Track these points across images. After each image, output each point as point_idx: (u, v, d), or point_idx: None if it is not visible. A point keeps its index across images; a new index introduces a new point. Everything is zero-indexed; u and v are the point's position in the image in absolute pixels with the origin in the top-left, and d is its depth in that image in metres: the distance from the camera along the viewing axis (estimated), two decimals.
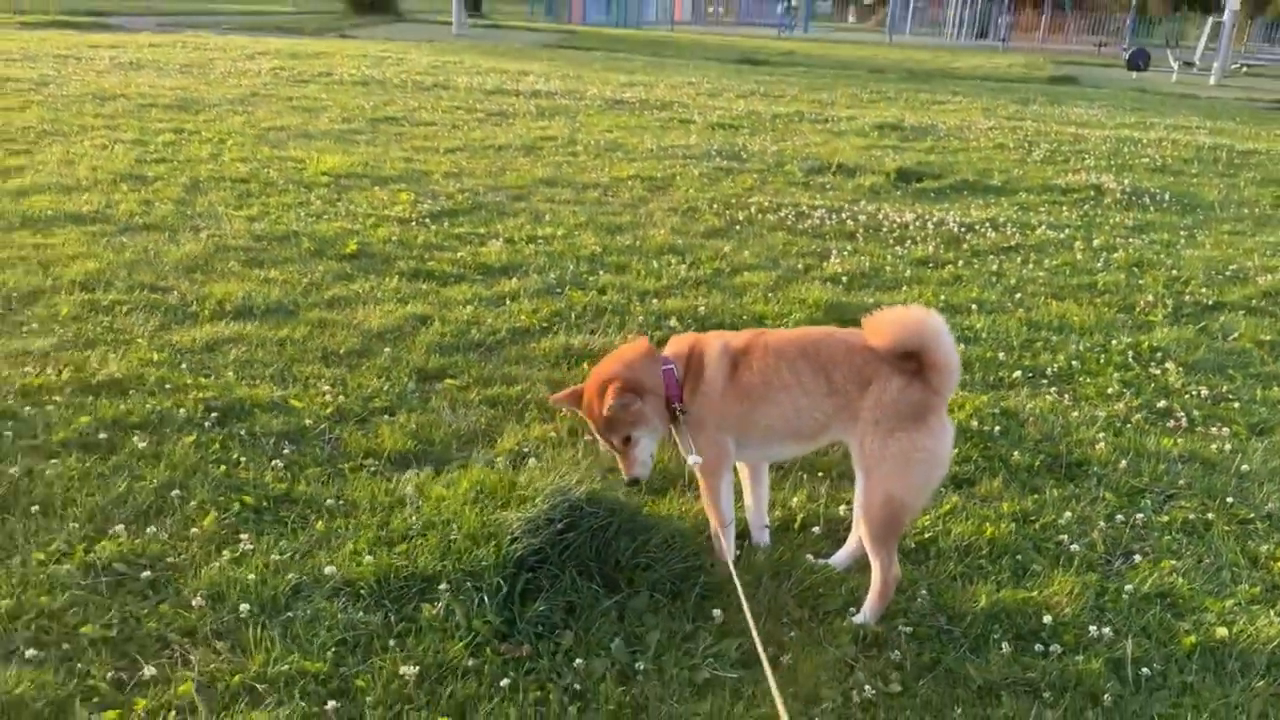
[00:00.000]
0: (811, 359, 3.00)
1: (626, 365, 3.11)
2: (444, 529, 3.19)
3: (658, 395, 3.07)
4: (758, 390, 3.02)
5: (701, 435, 3.05)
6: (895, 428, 2.88)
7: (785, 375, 3.00)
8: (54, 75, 13.76)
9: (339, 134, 10.75)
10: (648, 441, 3.12)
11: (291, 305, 5.35)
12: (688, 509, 3.47)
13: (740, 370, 3.04)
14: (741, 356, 3.06)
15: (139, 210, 7.02)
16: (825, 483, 3.80)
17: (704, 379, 3.06)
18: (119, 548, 3.07)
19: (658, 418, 3.08)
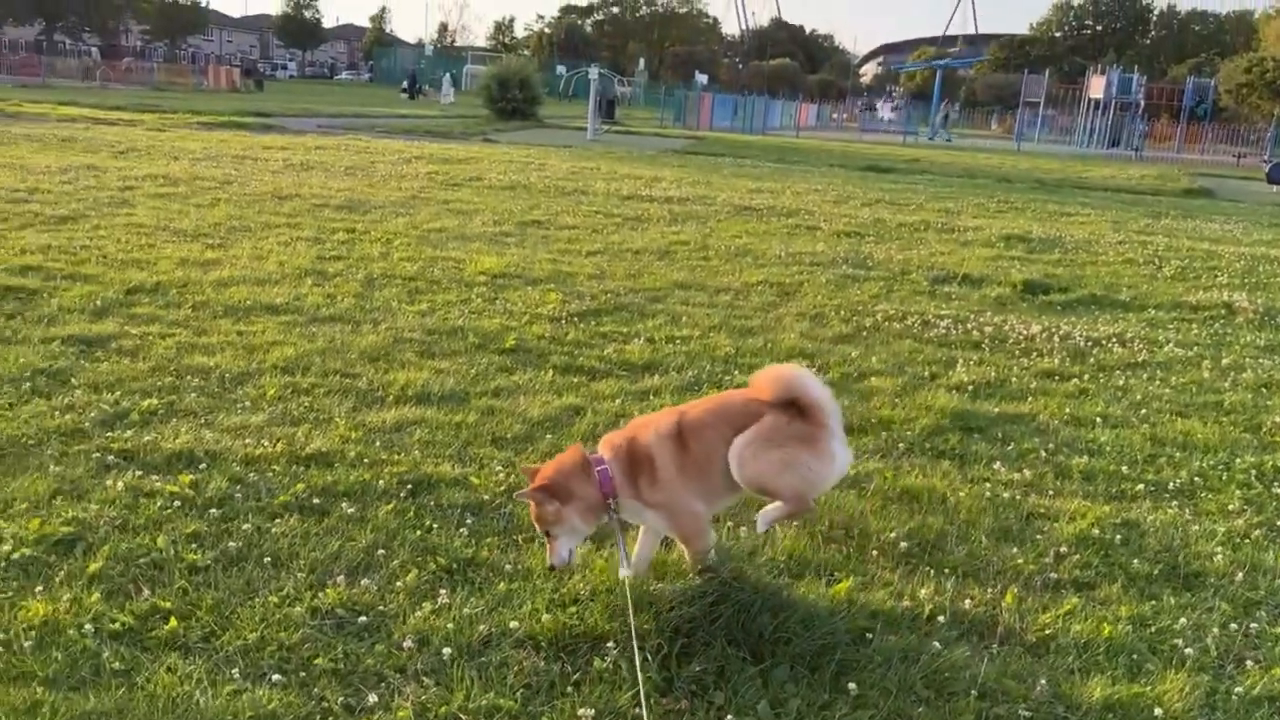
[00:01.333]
0: (727, 419, 3.68)
1: (556, 471, 3.60)
2: (607, 596, 3.66)
3: (585, 499, 3.57)
4: (706, 459, 3.63)
5: (678, 511, 3.64)
6: (781, 444, 3.61)
7: (718, 440, 3.64)
8: (235, 175, 15.28)
9: (491, 236, 11.67)
10: (566, 539, 3.61)
11: (463, 393, 5.99)
12: (823, 592, 3.85)
13: (688, 447, 3.62)
14: (680, 436, 3.64)
15: (324, 303, 7.88)
16: (951, 578, 4.12)
17: (658, 466, 3.61)
18: (339, 596, 3.63)
19: (580, 519, 3.59)
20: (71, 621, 3.31)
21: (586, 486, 3.59)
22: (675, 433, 3.69)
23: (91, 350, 6.29)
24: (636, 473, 3.65)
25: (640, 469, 3.65)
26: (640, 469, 3.65)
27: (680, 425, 3.72)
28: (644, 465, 3.65)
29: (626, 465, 3.65)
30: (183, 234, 10.35)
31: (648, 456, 3.65)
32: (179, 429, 5.09)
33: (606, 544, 4.07)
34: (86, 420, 5.09)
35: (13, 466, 4.50)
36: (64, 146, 17.85)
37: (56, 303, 7.31)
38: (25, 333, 6.51)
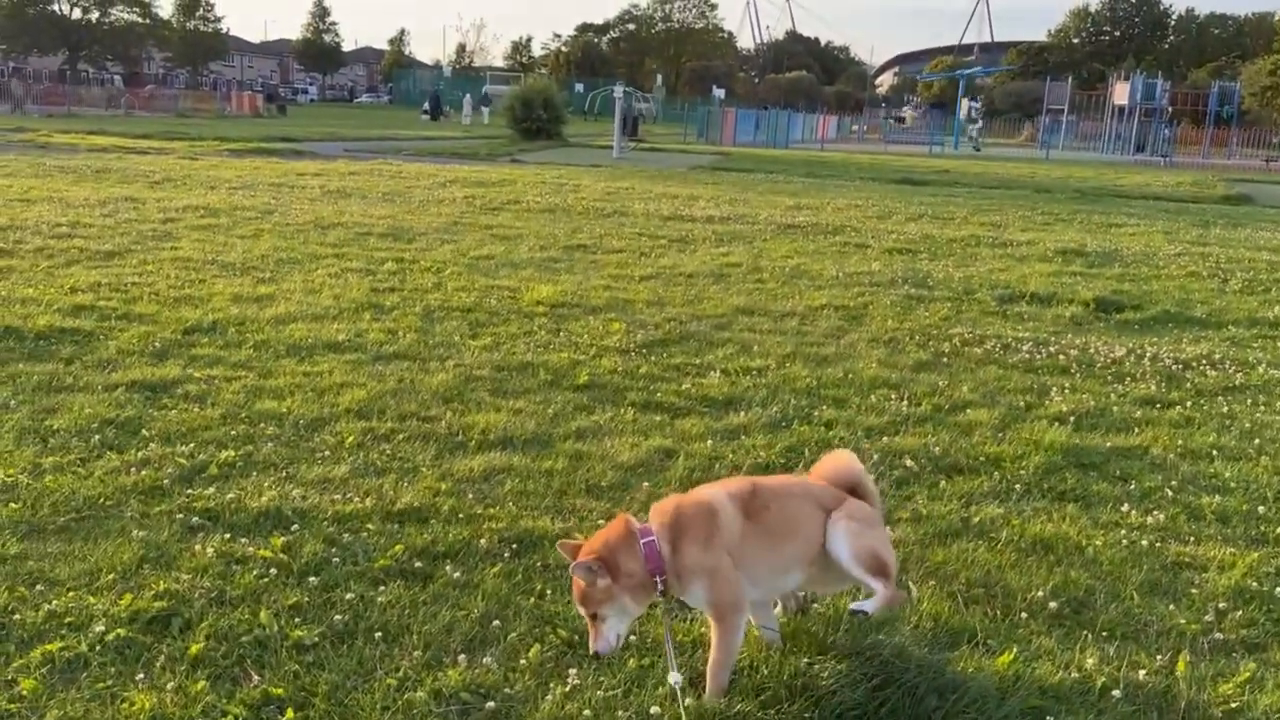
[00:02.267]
0: (806, 496, 3.48)
1: (604, 544, 3.19)
2: (753, 675, 3.35)
3: (634, 576, 3.16)
4: (779, 528, 3.36)
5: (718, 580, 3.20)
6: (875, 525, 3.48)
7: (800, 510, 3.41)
8: (275, 204, 15.11)
9: (540, 262, 11.41)
10: (615, 620, 3.19)
11: (545, 436, 5.71)
12: (984, 664, 3.53)
13: (757, 514, 3.33)
14: (751, 501, 3.35)
15: (386, 339, 7.63)
16: (1113, 643, 3.79)
17: (719, 527, 3.23)
18: (461, 677, 3.34)
19: (630, 599, 3.17)
20: (181, 715, 3.03)
21: (632, 561, 3.19)
22: (749, 493, 3.38)
23: (157, 397, 6.05)
24: (684, 537, 3.23)
25: (691, 533, 3.23)
26: (691, 533, 3.23)
27: (755, 487, 3.44)
28: (698, 528, 3.23)
29: (675, 534, 3.25)
30: (231, 268, 10.15)
31: (706, 516, 3.26)
32: (261, 484, 4.82)
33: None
34: (164, 476, 4.83)
35: (93, 531, 4.24)
36: (99, 178, 17.77)
37: (114, 345, 7.08)
38: (87, 379, 6.28)
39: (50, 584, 3.77)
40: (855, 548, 3.34)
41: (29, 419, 5.50)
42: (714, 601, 3.26)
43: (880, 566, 3.36)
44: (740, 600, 3.27)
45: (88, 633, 3.44)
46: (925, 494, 5.14)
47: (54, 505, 4.44)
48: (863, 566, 3.36)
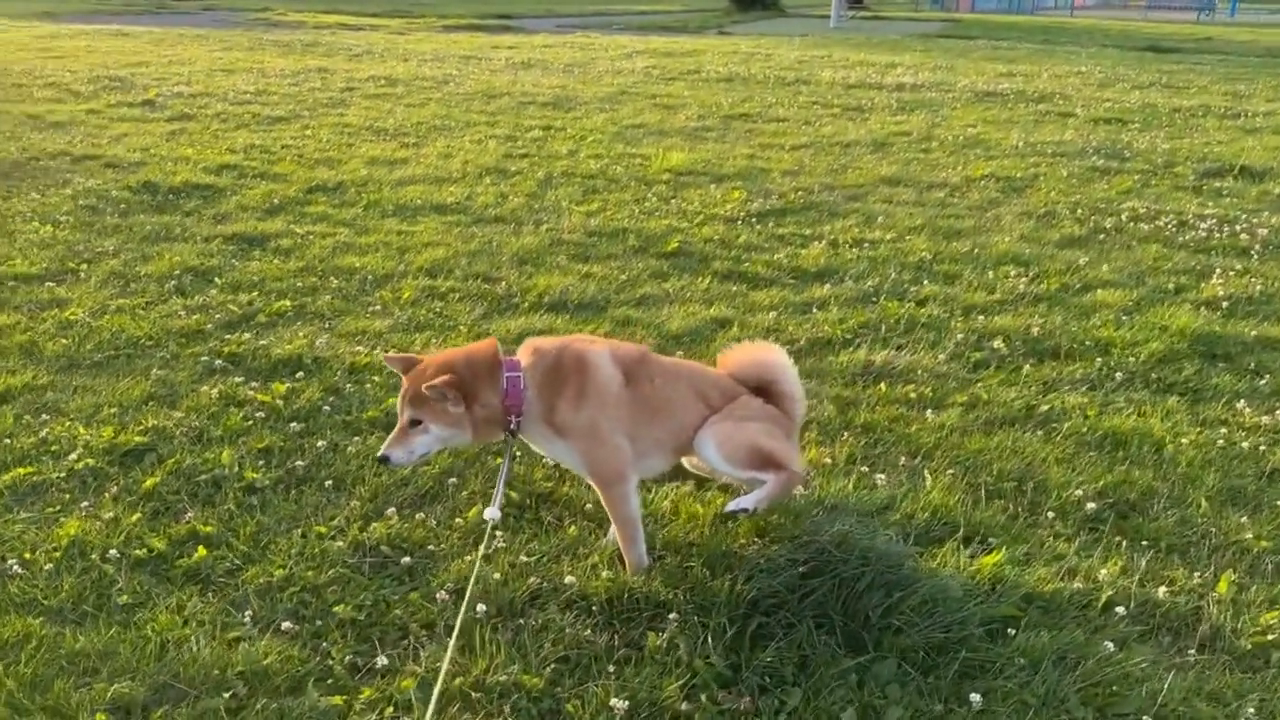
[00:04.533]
0: (691, 382, 3.12)
1: (469, 364, 2.84)
2: (685, 553, 3.05)
3: (488, 406, 2.83)
4: (663, 405, 3.02)
5: (596, 442, 2.90)
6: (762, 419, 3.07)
7: (679, 391, 3.06)
8: (455, 75, 15.27)
9: (691, 131, 10.94)
10: (430, 439, 2.84)
11: (603, 301, 5.45)
12: (965, 565, 3.05)
13: (639, 383, 2.98)
14: (636, 367, 3.01)
15: (494, 203, 7.53)
16: (1149, 554, 3.20)
17: (595, 384, 2.90)
18: (388, 530, 3.23)
19: (470, 429, 2.84)
20: (100, 544, 3.09)
21: (490, 392, 2.85)
22: (635, 358, 3.05)
23: (250, 249, 6.24)
24: (557, 389, 2.90)
25: (564, 385, 2.90)
26: (564, 385, 2.90)
27: (643, 354, 3.12)
28: (570, 380, 2.91)
29: (546, 378, 2.91)
30: (383, 133, 10.34)
31: (580, 370, 2.92)
32: (297, 333, 4.87)
33: (705, 487, 3.44)
34: (210, 321, 4.97)
35: (122, 368, 4.42)
36: (306, 51, 18.57)
37: (235, 201, 7.37)
38: (194, 230, 6.57)
39: (55, 413, 3.96)
40: (726, 449, 2.98)
41: (122, 265, 5.80)
42: (591, 467, 2.96)
43: (763, 458, 2.99)
44: (622, 467, 2.95)
45: (61, 461, 3.58)
46: (997, 379, 4.52)
47: (99, 343, 4.66)
48: (738, 464, 3.00)
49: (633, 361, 3.03)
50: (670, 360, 3.32)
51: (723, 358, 3.32)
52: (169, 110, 11.24)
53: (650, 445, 3.03)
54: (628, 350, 3.10)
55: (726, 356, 3.31)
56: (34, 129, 9.76)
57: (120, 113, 10.98)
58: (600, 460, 2.93)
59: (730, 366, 3.26)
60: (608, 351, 3.01)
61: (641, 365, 3.04)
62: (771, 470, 2.98)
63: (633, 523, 2.99)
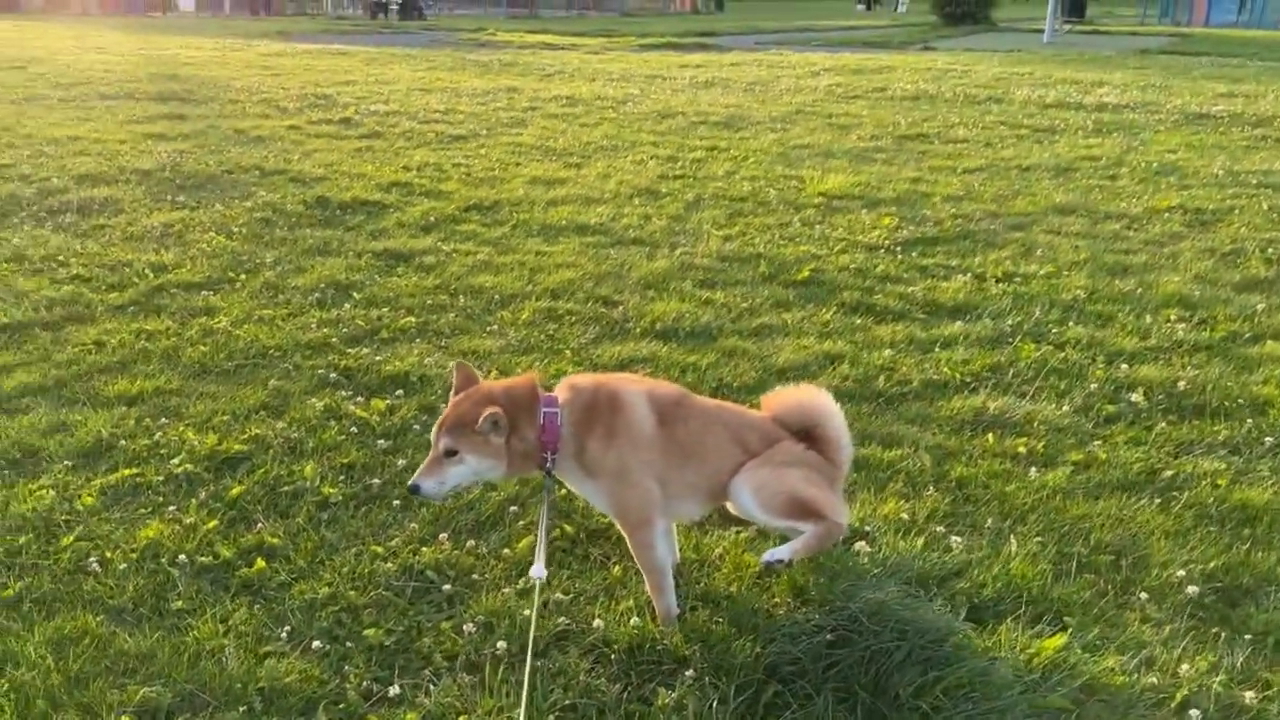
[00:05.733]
0: (728, 426, 3.00)
1: (509, 397, 2.81)
2: (719, 606, 2.93)
3: (525, 441, 2.78)
4: (697, 449, 2.91)
5: (624, 484, 2.83)
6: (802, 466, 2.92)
7: (715, 435, 2.95)
8: (635, 95, 15.49)
9: (859, 152, 10.64)
10: (465, 470, 2.78)
11: (715, 330, 5.37)
12: (1024, 648, 2.78)
13: (673, 425, 2.89)
14: (671, 408, 2.92)
15: (637, 225, 7.57)
16: (1248, 649, 2.82)
17: (627, 425, 2.83)
18: (438, 556, 3.28)
19: (507, 463, 2.80)
20: (173, 548, 3.28)
21: (528, 426, 2.80)
22: (672, 400, 2.95)
23: (395, 265, 6.53)
24: (590, 427, 2.83)
25: (596, 423, 2.83)
26: (596, 423, 2.83)
27: (682, 395, 3.02)
28: (603, 419, 2.83)
29: (581, 416, 2.85)
30: (551, 153, 10.61)
31: (613, 409, 2.85)
32: (413, 350, 5.05)
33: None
34: (337, 335, 5.22)
35: (245, 377, 4.70)
36: (502, 71, 19.34)
37: (397, 218, 7.73)
38: (350, 245, 6.93)
39: (174, 418, 4.25)
40: (762, 496, 2.84)
41: (276, 276, 6.19)
42: (617, 510, 2.90)
43: (801, 507, 2.82)
44: (648, 512, 2.86)
45: (165, 465, 3.84)
46: (1124, 437, 4.13)
47: (232, 351, 4.98)
48: (775, 512, 2.85)
49: (669, 403, 2.95)
50: (709, 402, 3.19)
51: (766, 400, 3.18)
52: (362, 128, 11.94)
53: (682, 489, 2.94)
54: (665, 391, 3.02)
55: (770, 399, 3.17)
56: (237, 143, 10.60)
57: (318, 129, 11.76)
58: (627, 503, 2.87)
59: (774, 409, 3.11)
60: (643, 392, 2.95)
61: (677, 407, 2.96)
62: (810, 520, 2.83)
63: (659, 570, 2.91)
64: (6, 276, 6.05)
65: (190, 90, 14.88)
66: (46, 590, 3.07)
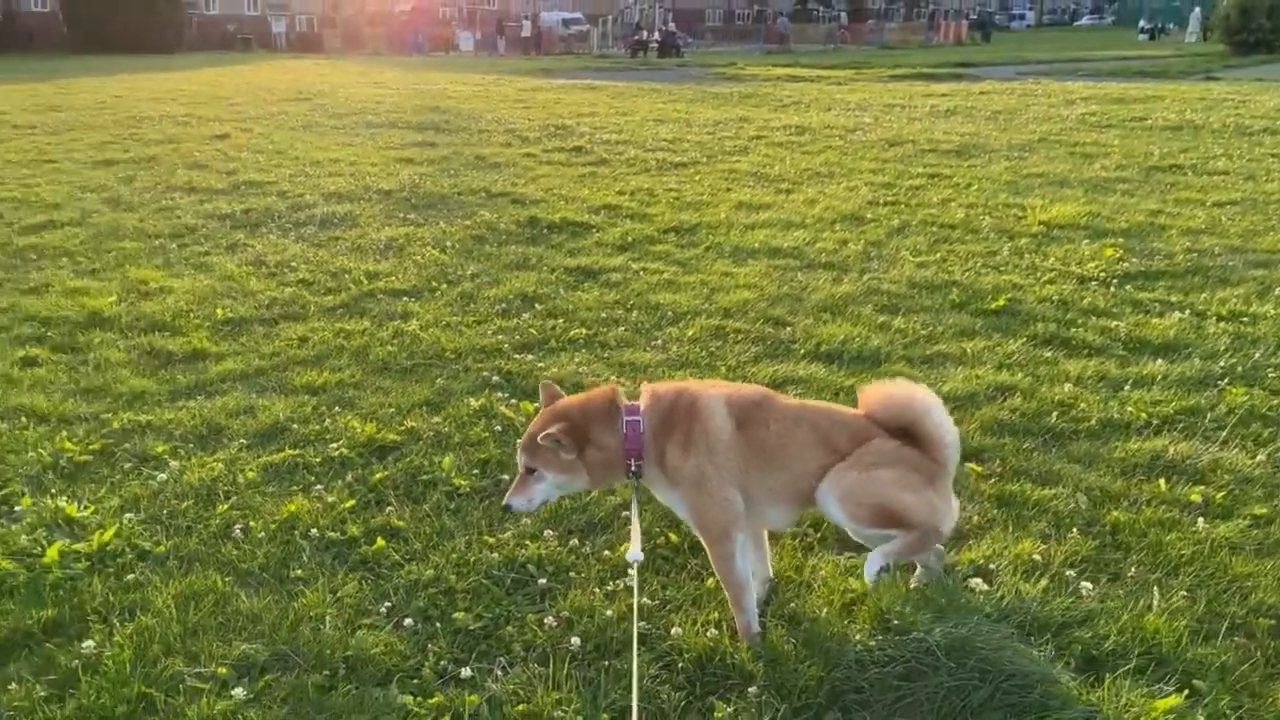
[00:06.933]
0: (815, 427, 2.87)
1: (581, 412, 2.85)
2: (795, 626, 2.80)
3: (605, 451, 2.80)
4: (780, 452, 2.81)
5: (703, 494, 2.78)
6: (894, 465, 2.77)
7: (799, 437, 2.83)
8: (867, 123, 15.20)
9: (1098, 182, 9.92)
10: (548, 486, 2.85)
11: (883, 355, 5.16)
12: (1129, 706, 2.47)
13: (754, 427, 2.81)
14: (752, 411, 2.84)
15: (832, 249, 7.42)
16: None
17: (705, 431, 2.77)
18: (541, 551, 3.34)
19: (587, 474, 2.84)
20: (308, 523, 3.53)
21: (607, 436, 2.78)
22: (753, 401, 2.84)
23: (582, 281, 6.74)
24: (669, 434, 2.77)
25: (675, 430, 2.77)
26: (675, 430, 2.77)
27: (764, 398, 2.89)
28: (680, 425, 2.77)
29: (661, 422, 2.79)
30: (764, 179, 10.60)
31: (691, 415, 2.78)
32: (574, 358, 5.18)
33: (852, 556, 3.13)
34: (510, 341, 5.44)
35: (418, 376, 5.00)
36: (740, 102, 19.54)
37: (597, 238, 7.98)
38: (547, 261, 7.22)
39: (346, 408, 4.58)
40: (849, 504, 2.71)
41: (473, 287, 6.54)
42: (697, 520, 2.83)
43: (892, 516, 2.68)
44: (727, 524, 2.78)
45: (324, 449, 4.14)
46: None
47: (413, 352, 5.31)
48: (863, 521, 2.71)
49: (750, 405, 2.87)
50: (794, 403, 3.06)
51: (863, 396, 3.00)
52: (590, 156, 12.43)
53: (765, 494, 2.85)
54: (746, 394, 2.94)
55: (866, 395, 2.99)
56: (474, 168, 11.32)
57: (550, 157, 12.35)
58: (706, 513, 2.81)
59: (869, 405, 2.94)
60: (722, 396, 2.89)
61: (759, 409, 2.87)
62: (903, 530, 2.68)
63: (738, 585, 2.82)
64: (243, 278, 6.75)
65: (447, 121, 16.06)
66: (192, 550, 3.38)
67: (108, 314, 5.92)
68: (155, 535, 3.48)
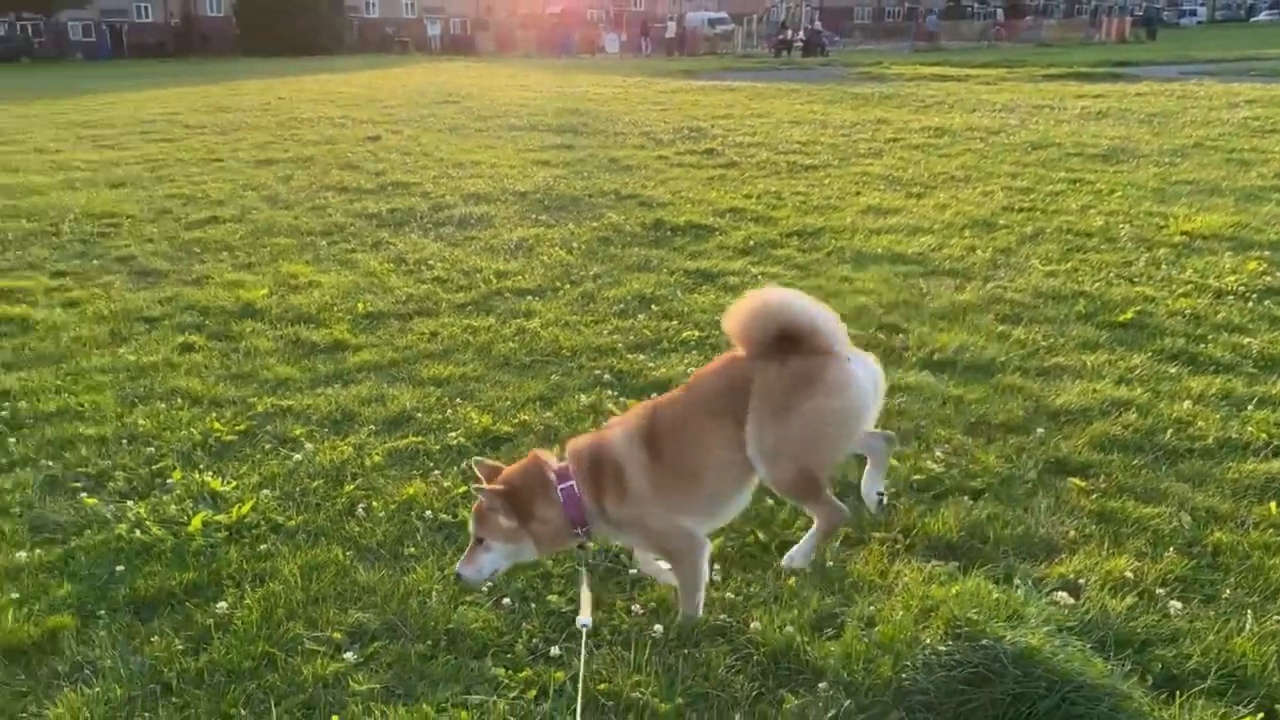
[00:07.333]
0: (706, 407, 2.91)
1: (523, 479, 2.90)
2: (869, 628, 2.88)
3: (547, 523, 2.86)
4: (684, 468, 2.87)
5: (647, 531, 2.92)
6: (786, 406, 2.81)
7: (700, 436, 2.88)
8: (1012, 125, 14.78)
9: (1251, 191, 9.42)
10: (495, 556, 2.91)
11: (998, 366, 5.10)
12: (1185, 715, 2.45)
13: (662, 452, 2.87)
14: (651, 437, 2.88)
15: (958, 256, 7.33)
16: None
17: (630, 479, 2.85)
18: None
19: (532, 544, 2.91)
20: (424, 505, 3.79)
21: (546, 508, 2.87)
22: (645, 429, 2.92)
23: (700, 284, 6.88)
24: (600, 489, 2.89)
25: (605, 482, 2.89)
26: (605, 482, 2.89)
27: (652, 422, 2.93)
28: (609, 477, 2.89)
29: (591, 482, 2.89)
30: (895, 183, 10.50)
31: (614, 465, 2.89)
32: (684, 359, 5.33)
33: (937, 565, 3.17)
34: (624, 341, 5.63)
35: (536, 372, 5.24)
36: (880, 103, 19.26)
37: (718, 241, 8.11)
38: (667, 264, 7.39)
39: (467, 400, 4.86)
40: (775, 475, 2.91)
41: (594, 288, 6.77)
42: (658, 547, 3.03)
43: (805, 487, 2.92)
44: (684, 537, 2.95)
45: (443, 437, 4.41)
46: None
47: (533, 349, 5.56)
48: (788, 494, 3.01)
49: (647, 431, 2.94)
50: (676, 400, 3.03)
51: (726, 326, 2.97)
52: (721, 158, 12.55)
53: (704, 502, 2.98)
54: (640, 421, 2.98)
55: (728, 326, 2.96)
56: (607, 170, 11.60)
57: (681, 159, 12.53)
58: (663, 543, 3.00)
59: (734, 334, 2.94)
60: (629, 436, 2.94)
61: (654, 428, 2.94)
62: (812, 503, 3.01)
63: (697, 584, 3.00)
64: (384, 274, 7.17)
65: (585, 123, 16.45)
66: (319, 525, 3.69)
67: (260, 306, 6.41)
68: (288, 510, 3.80)
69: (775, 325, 2.85)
